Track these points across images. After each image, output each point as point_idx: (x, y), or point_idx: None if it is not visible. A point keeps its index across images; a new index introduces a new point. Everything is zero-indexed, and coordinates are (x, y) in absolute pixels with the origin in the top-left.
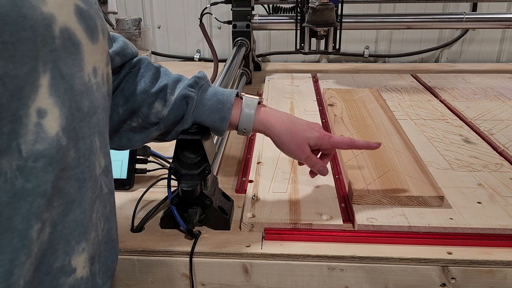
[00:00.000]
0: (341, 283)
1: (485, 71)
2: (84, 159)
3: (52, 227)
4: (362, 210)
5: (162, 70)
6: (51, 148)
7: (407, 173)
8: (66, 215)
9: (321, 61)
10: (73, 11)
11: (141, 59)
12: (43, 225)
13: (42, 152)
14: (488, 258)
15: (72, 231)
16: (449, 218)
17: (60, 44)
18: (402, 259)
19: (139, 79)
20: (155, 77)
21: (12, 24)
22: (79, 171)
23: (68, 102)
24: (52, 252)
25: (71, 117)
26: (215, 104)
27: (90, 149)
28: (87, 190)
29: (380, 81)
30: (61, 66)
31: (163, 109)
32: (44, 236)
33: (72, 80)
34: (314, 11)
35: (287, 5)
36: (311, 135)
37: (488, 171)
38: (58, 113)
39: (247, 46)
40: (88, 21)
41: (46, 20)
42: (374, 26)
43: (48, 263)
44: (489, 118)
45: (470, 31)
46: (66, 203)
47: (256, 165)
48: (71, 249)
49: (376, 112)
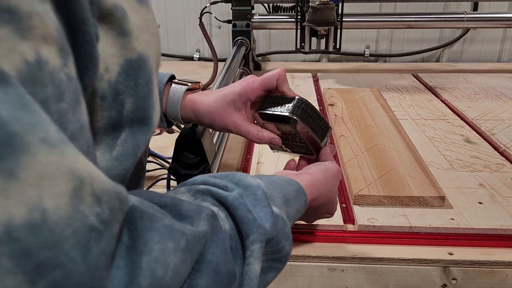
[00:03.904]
0: (342, 284)
1: (486, 70)
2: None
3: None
4: (363, 211)
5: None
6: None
7: (408, 173)
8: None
9: (322, 60)
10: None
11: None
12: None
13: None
14: (489, 259)
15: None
16: (450, 219)
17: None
18: (403, 260)
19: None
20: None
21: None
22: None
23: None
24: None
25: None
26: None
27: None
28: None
29: (381, 81)
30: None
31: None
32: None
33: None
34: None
35: (287, 4)
36: (231, 89)
37: (489, 171)
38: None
39: (247, 45)
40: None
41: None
42: (374, 25)
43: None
44: (490, 118)
45: (471, 30)
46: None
47: (256, 165)
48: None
49: (376, 112)
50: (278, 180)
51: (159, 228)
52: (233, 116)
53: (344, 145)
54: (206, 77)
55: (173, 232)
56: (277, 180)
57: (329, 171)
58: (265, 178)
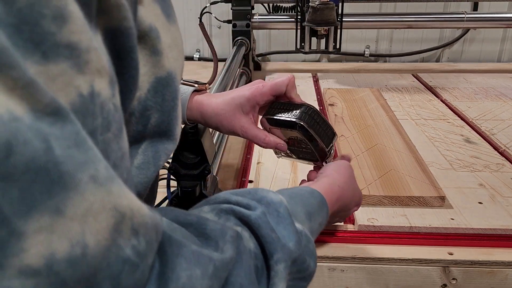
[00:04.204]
0: (342, 284)
1: (486, 70)
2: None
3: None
4: (363, 211)
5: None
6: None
7: (408, 173)
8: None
9: (322, 60)
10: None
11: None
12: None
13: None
14: (489, 259)
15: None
16: (450, 219)
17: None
18: (403, 260)
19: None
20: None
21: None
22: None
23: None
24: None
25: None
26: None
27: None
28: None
29: (381, 81)
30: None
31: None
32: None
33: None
34: (314, 10)
35: (287, 4)
36: (240, 93)
37: (489, 171)
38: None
39: (247, 45)
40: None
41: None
42: (374, 25)
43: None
44: (490, 118)
45: (471, 30)
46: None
47: (256, 165)
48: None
49: (376, 112)
50: (300, 192)
51: (187, 254)
52: (240, 120)
53: (344, 145)
54: (206, 77)
55: (200, 258)
56: (299, 192)
57: (341, 166)
58: (287, 191)
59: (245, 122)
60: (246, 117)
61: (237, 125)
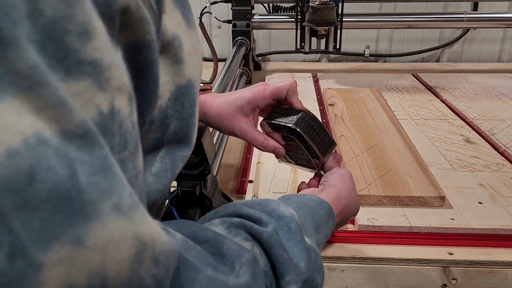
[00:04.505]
0: (342, 284)
1: (486, 70)
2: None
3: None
4: (363, 211)
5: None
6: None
7: (408, 173)
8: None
9: (322, 60)
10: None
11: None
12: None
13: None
14: (489, 259)
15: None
16: (450, 219)
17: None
18: (403, 260)
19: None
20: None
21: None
22: None
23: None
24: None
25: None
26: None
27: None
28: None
29: (381, 81)
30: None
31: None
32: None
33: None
34: (314, 10)
35: (287, 4)
36: (241, 94)
37: (489, 171)
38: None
39: (247, 45)
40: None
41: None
42: (374, 25)
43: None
44: (490, 118)
45: (471, 30)
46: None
47: (256, 165)
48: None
49: (376, 112)
50: (309, 201)
51: (202, 280)
52: (240, 121)
53: (344, 145)
54: (206, 77)
55: (215, 283)
56: (308, 202)
57: (345, 176)
58: (295, 200)
59: (244, 124)
60: (246, 119)
61: (237, 127)
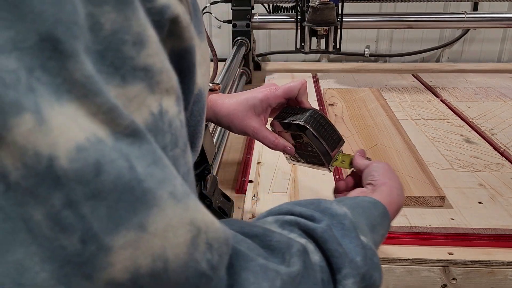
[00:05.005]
0: None
1: (486, 70)
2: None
3: None
4: None
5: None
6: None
7: (408, 173)
8: None
9: (322, 60)
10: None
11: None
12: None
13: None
14: (489, 259)
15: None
16: (450, 219)
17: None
18: (403, 260)
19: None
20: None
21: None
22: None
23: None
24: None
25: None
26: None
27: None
28: None
29: (381, 81)
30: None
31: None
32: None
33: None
34: (314, 10)
35: (287, 4)
36: (253, 94)
37: (489, 171)
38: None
39: (247, 45)
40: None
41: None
42: (374, 25)
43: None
44: (490, 118)
45: (471, 30)
46: None
47: (256, 165)
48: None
49: (376, 112)
50: (363, 203)
51: (254, 268)
52: (252, 120)
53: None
54: None
55: (267, 272)
56: (362, 203)
57: (388, 170)
58: (349, 201)
59: (256, 123)
60: (258, 118)
61: (248, 126)
